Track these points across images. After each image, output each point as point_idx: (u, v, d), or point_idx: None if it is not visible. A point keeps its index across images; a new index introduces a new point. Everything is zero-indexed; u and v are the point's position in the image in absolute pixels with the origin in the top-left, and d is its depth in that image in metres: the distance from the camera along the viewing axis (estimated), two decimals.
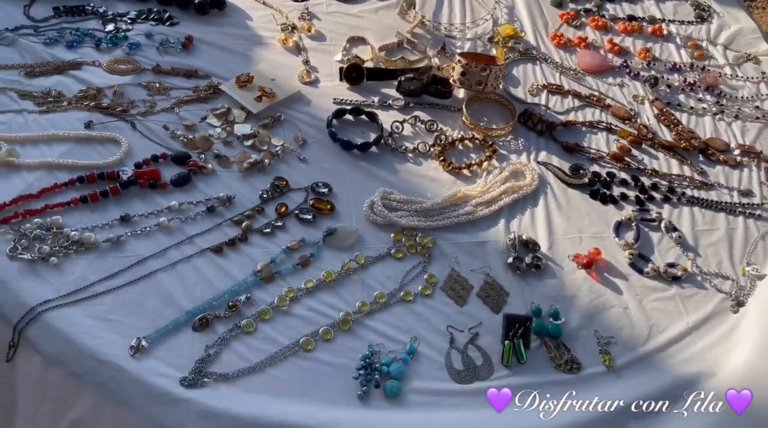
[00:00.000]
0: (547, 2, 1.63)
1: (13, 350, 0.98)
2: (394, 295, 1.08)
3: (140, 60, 1.34)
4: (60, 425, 0.93)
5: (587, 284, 1.13)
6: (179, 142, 1.22)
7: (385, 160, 1.26)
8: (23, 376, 0.98)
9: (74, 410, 0.94)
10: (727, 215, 1.26)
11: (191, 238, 1.10)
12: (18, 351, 0.97)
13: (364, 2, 1.55)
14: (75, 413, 0.94)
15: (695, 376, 1.02)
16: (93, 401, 0.93)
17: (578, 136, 1.35)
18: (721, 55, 1.56)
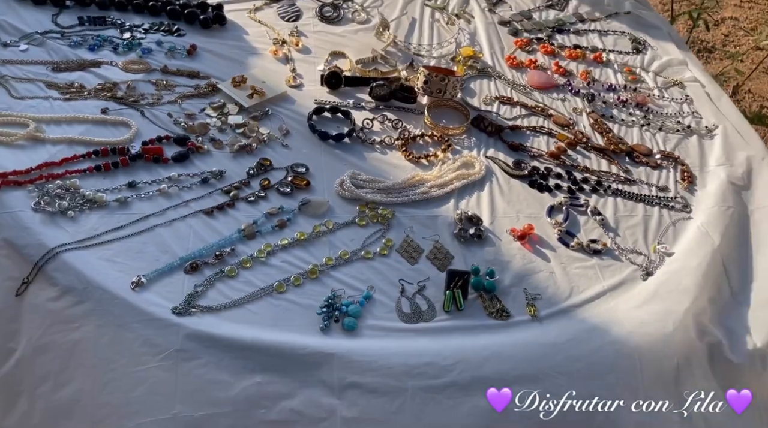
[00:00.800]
0: (504, 31, 1.88)
1: (26, 285, 1.16)
2: (356, 253, 1.28)
3: (151, 62, 1.57)
4: (66, 339, 1.11)
5: (521, 253, 1.33)
6: (181, 127, 1.44)
7: (356, 149, 1.47)
8: (32, 306, 1.15)
9: (79, 331, 1.11)
10: (645, 205, 1.47)
11: (187, 202, 1.30)
12: (30, 286, 1.16)
13: (345, 24, 1.80)
14: (80, 333, 1.11)
15: (605, 324, 1.21)
16: (96, 324, 1.11)
17: (523, 138, 1.58)
18: (651, 80, 1.81)
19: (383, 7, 1.89)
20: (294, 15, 1.80)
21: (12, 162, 1.29)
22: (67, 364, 1.10)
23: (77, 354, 1.09)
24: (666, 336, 1.19)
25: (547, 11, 1.99)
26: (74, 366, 1.09)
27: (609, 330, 1.20)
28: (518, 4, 1.99)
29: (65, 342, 1.11)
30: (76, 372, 1.08)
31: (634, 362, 1.15)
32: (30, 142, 1.35)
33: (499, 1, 1.99)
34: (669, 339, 1.18)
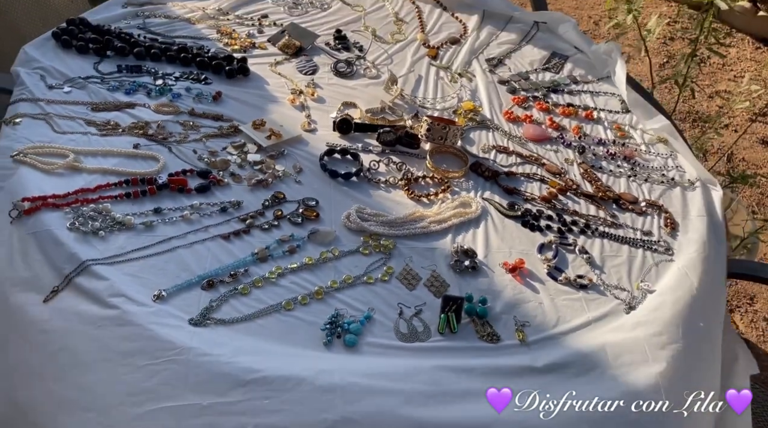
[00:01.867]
0: (503, 89, 2.05)
1: (55, 293, 1.27)
2: (359, 278, 1.38)
3: (180, 105, 1.74)
4: (87, 335, 1.20)
5: (512, 284, 1.44)
6: (204, 162, 1.58)
7: (362, 187, 1.61)
8: (58, 310, 1.25)
9: (100, 329, 1.21)
10: (630, 247, 1.58)
11: (206, 228, 1.43)
12: (59, 294, 1.26)
13: (357, 79, 1.97)
14: (100, 331, 1.20)
15: (589, 349, 1.30)
16: (117, 324, 1.20)
17: (517, 183, 1.71)
18: (639, 136, 1.95)
19: (393, 65, 2.07)
20: (311, 69, 1.97)
21: (52, 187, 1.43)
22: (83, 358, 1.19)
23: (94, 350, 1.19)
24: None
25: (543, 73, 2.16)
26: (92, 361, 1.18)
27: (591, 354, 1.29)
28: (517, 66, 2.17)
29: (86, 337, 1.20)
30: (94, 364, 1.17)
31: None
32: (69, 170, 1.49)
33: (499, 63, 2.16)
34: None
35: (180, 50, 1.90)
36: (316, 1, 2.29)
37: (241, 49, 1.99)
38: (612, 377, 1.26)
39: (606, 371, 1.27)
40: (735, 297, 3.06)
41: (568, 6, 4.80)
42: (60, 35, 1.86)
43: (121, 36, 1.92)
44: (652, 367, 1.27)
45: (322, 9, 2.25)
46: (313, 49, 2.05)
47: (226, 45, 2.00)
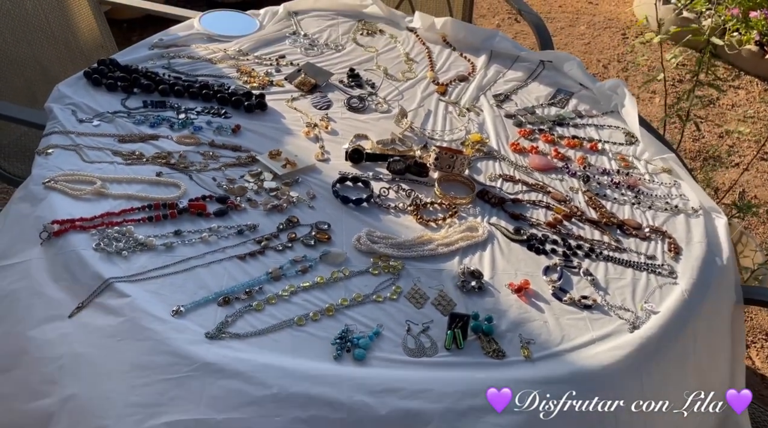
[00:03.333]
0: (510, 123, 2.12)
1: (79, 309, 1.34)
2: (369, 297, 1.44)
3: (201, 137, 1.83)
4: (107, 347, 1.26)
5: (517, 304, 1.48)
6: (222, 189, 1.67)
7: (373, 212, 1.67)
8: (82, 325, 1.32)
9: (120, 342, 1.27)
10: (634, 270, 1.62)
11: (224, 249, 1.50)
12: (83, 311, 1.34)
13: (369, 113, 2.07)
14: (120, 344, 1.27)
15: (592, 366, 1.33)
16: (137, 338, 1.27)
17: (523, 209, 1.76)
18: (642, 167, 2.01)
19: (403, 100, 2.16)
20: (325, 104, 2.07)
21: (79, 211, 1.51)
22: (99, 369, 1.25)
23: (111, 361, 1.25)
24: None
25: (549, 108, 2.24)
26: (107, 372, 1.24)
27: (594, 373, 1.32)
28: (523, 101, 2.25)
29: (106, 349, 1.27)
30: (112, 374, 1.22)
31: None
32: (95, 196, 1.58)
33: (506, 99, 2.25)
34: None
35: (202, 87, 2.01)
36: (331, 42, 2.41)
37: (260, 86, 2.10)
38: (612, 390, 1.29)
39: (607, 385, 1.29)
40: (750, 333, 3.04)
41: (578, 50, 4.94)
42: (91, 74, 1.99)
43: (148, 75, 2.04)
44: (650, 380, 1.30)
45: (336, 50, 2.37)
46: (327, 86, 2.16)
47: (246, 83, 2.11)
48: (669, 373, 1.40)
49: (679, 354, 1.45)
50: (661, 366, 1.39)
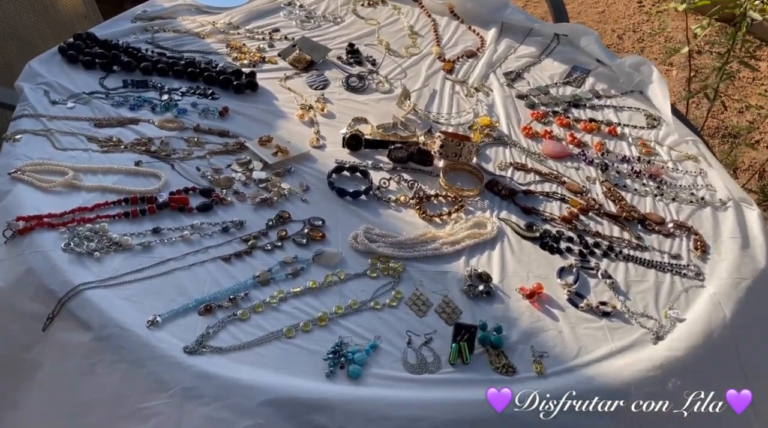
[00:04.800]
0: (521, 104, 1.96)
1: (50, 320, 1.22)
2: (366, 304, 1.30)
3: (185, 121, 1.68)
4: (80, 374, 1.15)
5: (529, 311, 1.34)
6: (207, 180, 1.52)
7: (372, 206, 1.53)
8: (52, 341, 1.20)
9: (94, 367, 1.16)
10: (657, 271, 1.48)
11: (206, 249, 1.36)
12: (53, 322, 1.21)
13: (369, 94, 1.91)
14: (94, 369, 1.16)
15: (611, 383, 1.20)
16: (111, 360, 1.15)
17: (536, 202, 1.62)
18: (665, 153, 1.85)
19: (406, 79, 2.00)
20: (321, 84, 1.91)
21: (48, 205, 1.38)
22: (79, 398, 1.13)
23: (89, 389, 1.13)
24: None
25: (564, 87, 2.07)
26: (87, 401, 1.12)
27: (614, 388, 1.19)
28: (536, 80, 2.08)
29: (80, 377, 1.15)
30: (88, 406, 1.11)
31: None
32: (67, 188, 1.44)
33: (518, 77, 2.08)
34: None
35: (187, 65, 1.85)
36: (329, 14, 2.23)
37: (251, 63, 1.94)
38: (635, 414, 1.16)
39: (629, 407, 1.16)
40: None
41: (591, 20, 4.71)
42: (66, 50, 1.83)
43: (129, 51, 1.88)
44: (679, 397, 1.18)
45: (335, 23, 2.20)
46: (324, 64, 1.99)
47: (235, 59, 1.95)
48: (699, 389, 1.26)
49: (713, 367, 1.30)
50: (689, 381, 1.26)
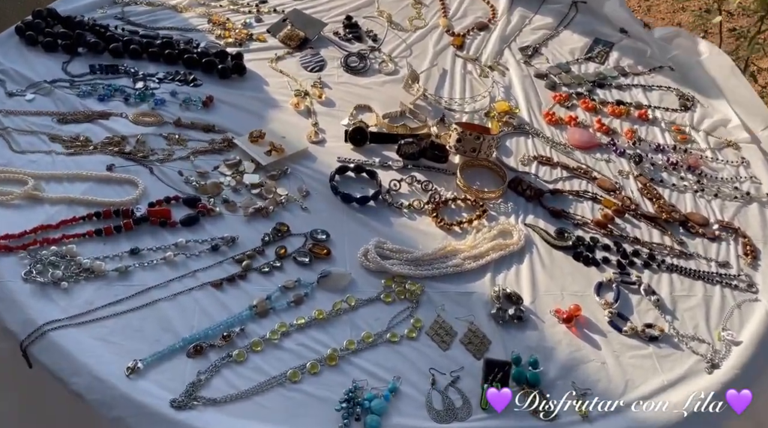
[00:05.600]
0: (541, 84, 1.76)
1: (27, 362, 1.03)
2: (381, 336, 1.13)
3: (164, 114, 1.47)
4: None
5: (567, 338, 1.18)
6: (192, 187, 1.32)
7: (382, 213, 1.34)
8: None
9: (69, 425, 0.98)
10: (705, 283, 1.31)
11: (194, 273, 1.17)
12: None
13: (372, 75, 1.69)
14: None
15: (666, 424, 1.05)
16: (87, 416, 0.98)
17: (565, 203, 1.44)
18: (702, 140, 1.67)
19: (412, 57, 1.78)
20: (317, 65, 1.69)
21: (5, 224, 1.18)
22: None
23: None
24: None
25: (586, 64, 1.87)
26: None
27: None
28: (555, 56, 1.87)
29: None
30: None
31: None
32: (27, 201, 1.23)
33: (535, 53, 1.87)
34: None
35: (164, 45, 1.62)
36: None
37: (236, 42, 1.71)
38: None
39: None
40: None
41: None
42: (24, 30, 1.59)
43: (95, 29, 1.64)
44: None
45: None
46: (319, 41, 1.77)
47: (219, 37, 1.72)
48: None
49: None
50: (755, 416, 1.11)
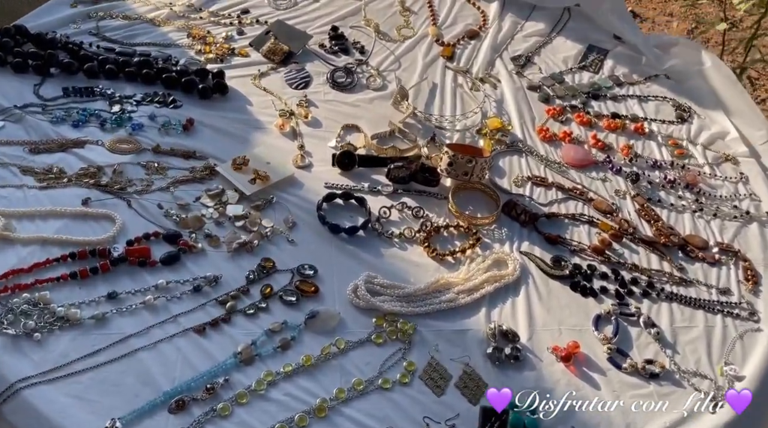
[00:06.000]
0: (534, 98, 1.70)
1: None
2: (372, 382, 1.08)
3: (142, 140, 1.40)
4: None
5: (565, 378, 1.13)
6: (172, 220, 1.26)
7: (372, 244, 1.29)
8: None
9: None
10: (706, 312, 1.27)
11: (175, 317, 1.12)
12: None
13: (359, 92, 1.63)
14: None
15: None
16: None
17: (561, 227, 1.39)
18: (700, 154, 1.62)
19: (401, 70, 1.72)
20: (303, 82, 1.62)
21: None
22: None
23: None
24: None
25: (580, 73, 1.81)
26: None
27: None
28: (549, 65, 1.82)
29: None
30: None
31: None
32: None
33: (528, 62, 1.81)
34: None
35: (142, 64, 1.55)
36: None
37: (218, 57, 1.64)
38: None
39: None
40: None
41: None
42: None
43: (69, 47, 1.56)
44: None
45: (314, 0, 1.88)
46: (304, 54, 1.70)
47: (199, 53, 1.65)
48: None
49: None
50: None
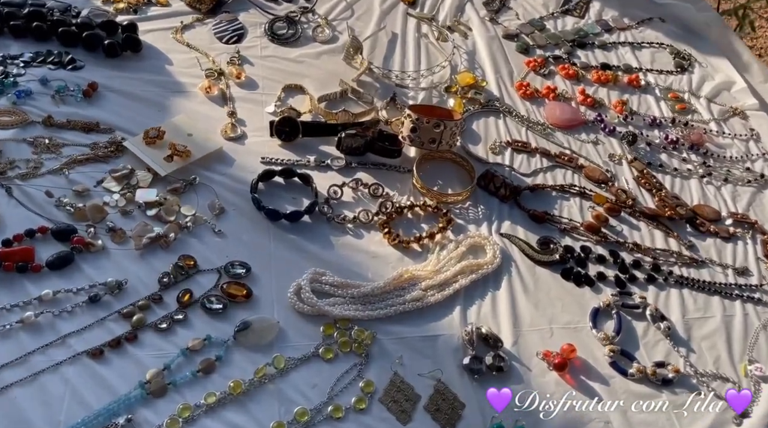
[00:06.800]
0: (511, 48, 1.46)
1: None
2: (320, 411, 0.86)
3: (29, 110, 1.13)
4: None
5: (560, 389, 0.92)
6: (65, 211, 1.01)
7: (320, 232, 1.05)
8: None
9: None
10: (723, 299, 1.07)
11: (64, 338, 0.88)
12: None
13: (304, 45, 1.37)
14: None
15: None
16: None
17: (547, 202, 1.16)
18: (704, 108, 1.40)
19: (354, 18, 1.46)
20: (235, 35, 1.35)
21: None
22: None
23: None
24: None
25: (563, 18, 1.57)
26: None
27: None
28: (527, 10, 1.57)
29: None
30: None
31: None
32: None
33: (503, 7, 1.56)
34: None
35: (32, 16, 1.27)
36: None
37: (130, 7, 1.37)
38: None
39: None
40: None
41: None
42: None
43: None
44: None
45: None
46: (237, 2, 1.43)
47: (107, 2, 1.37)
48: None
49: None
50: None
